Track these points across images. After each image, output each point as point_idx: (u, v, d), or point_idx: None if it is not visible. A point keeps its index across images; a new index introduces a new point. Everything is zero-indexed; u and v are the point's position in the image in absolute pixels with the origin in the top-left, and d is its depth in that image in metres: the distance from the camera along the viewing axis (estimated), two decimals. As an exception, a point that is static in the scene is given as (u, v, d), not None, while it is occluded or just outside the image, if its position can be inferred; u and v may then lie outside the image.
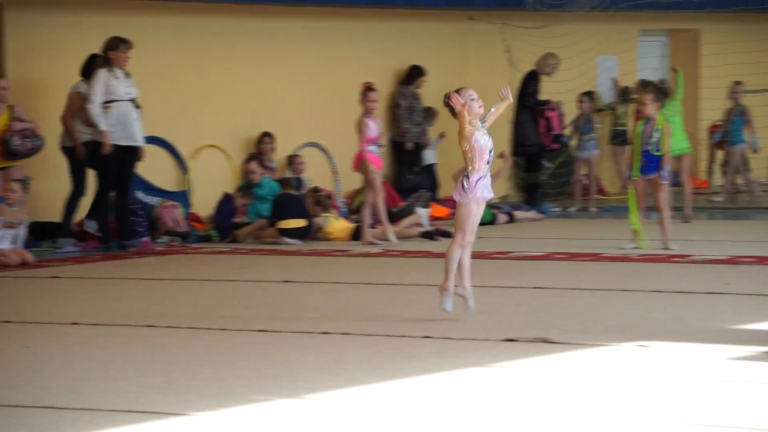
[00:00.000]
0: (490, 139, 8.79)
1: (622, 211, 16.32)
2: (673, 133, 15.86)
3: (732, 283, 10.40)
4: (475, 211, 8.75)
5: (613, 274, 11.43)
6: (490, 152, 8.76)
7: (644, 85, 18.49)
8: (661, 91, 16.25)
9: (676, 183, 17.29)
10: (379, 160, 14.45)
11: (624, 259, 12.38)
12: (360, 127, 14.21)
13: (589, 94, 19.00)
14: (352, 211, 16.81)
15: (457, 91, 8.70)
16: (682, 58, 21.78)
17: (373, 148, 14.25)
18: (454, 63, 19.45)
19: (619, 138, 19.47)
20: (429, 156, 18.55)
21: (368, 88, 14.39)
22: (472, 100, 8.69)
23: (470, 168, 8.71)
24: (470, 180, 8.69)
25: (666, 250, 12.78)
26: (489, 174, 8.75)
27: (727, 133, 19.12)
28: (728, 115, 19.18)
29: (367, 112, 14.25)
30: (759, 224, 16.16)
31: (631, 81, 20.46)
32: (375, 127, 14.27)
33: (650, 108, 12.85)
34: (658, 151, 12.82)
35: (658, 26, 21.74)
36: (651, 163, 12.86)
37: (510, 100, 8.96)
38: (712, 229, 15.44)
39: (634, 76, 20.70)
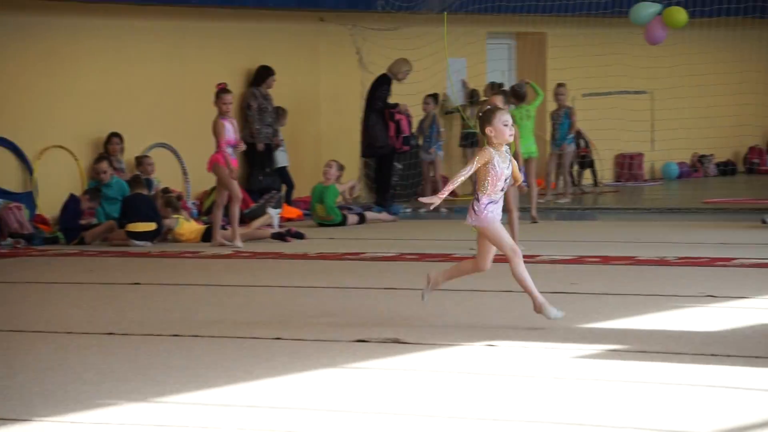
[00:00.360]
0: (509, 167, 8.42)
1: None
2: (523, 136, 16.12)
3: (578, 283, 10.58)
4: (500, 225, 8.40)
5: (463, 275, 11.52)
6: (506, 180, 8.39)
7: (493, 87, 18.76)
8: (517, 94, 16.54)
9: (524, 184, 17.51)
10: (235, 162, 14.32)
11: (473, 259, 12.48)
12: (217, 129, 14.07)
13: (434, 96, 19.14)
14: (203, 212, 16.67)
15: (492, 113, 8.35)
16: (528, 61, 22.13)
17: (230, 150, 14.14)
18: (305, 64, 19.44)
19: (468, 140, 19.68)
20: (280, 158, 18.49)
21: (222, 90, 14.27)
22: (505, 125, 8.33)
23: (481, 191, 8.34)
24: (480, 202, 8.33)
25: (514, 250, 12.93)
26: (501, 200, 8.40)
27: (555, 136, 19.45)
28: (554, 117, 19.51)
29: (222, 114, 14.13)
30: (603, 224, 16.48)
31: (480, 83, 20.72)
32: (231, 128, 14.16)
33: (499, 110, 12.96)
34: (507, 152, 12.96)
35: (506, 29, 22.04)
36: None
37: (519, 182, 8.64)
38: (558, 229, 15.71)
39: (483, 78, 20.97)
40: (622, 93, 21.47)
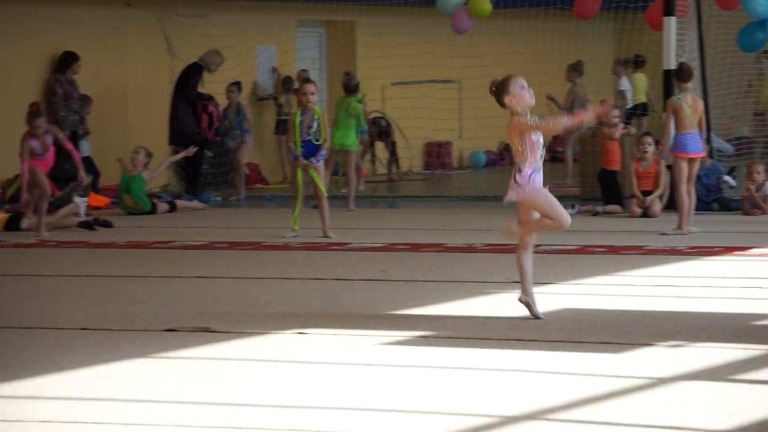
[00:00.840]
0: (541, 134, 8.10)
1: (284, 200, 16.50)
2: (340, 127, 16.21)
3: (388, 270, 10.68)
4: (549, 193, 8.04)
5: (274, 263, 11.54)
6: (543, 147, 8.09)
7: (304, 75, 18.78)
8: (347, 86, 16.61)
9: (341, 173, 17.59)
10: (47, 163, 13.99)
11: (285, 247, 12.51)
12: (21, 147, 13.79)
13: (237, 84, 19.02)
14: (5, 200, 16.27)
15: (506, 81, 8.03)
16: (339, 49, 22.20)
17: (38, 156, 13.85)
18: (112, 50, 19.10)
19: (282, 127, 19.64)
20: (83, 147, 18.13)
21: (32, 113, 13.91)
22: (522, 89, 8.03)
23: (522, 161, 7.97)
24: (523, 173, 7.99)
25: (325, 238, 13.00)
26: (542, 169, 8.08)
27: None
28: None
29: (30, 134, 13.81)
30: (413, 212, 16.64)
31: (291, 71, 20.71)
32: (38, 146, 13.84)
33: (311, 98, 13.02)
34: (317, 140, 13.00)
35: (316, 17, 22.07)
36: (311, 152, 13.02)
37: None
38: (369, 217, 15.80)
39: (293, 66, 20.95)
40: (431, 82, 21.71)
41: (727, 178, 15.23)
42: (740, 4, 15.73)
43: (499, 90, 8.13)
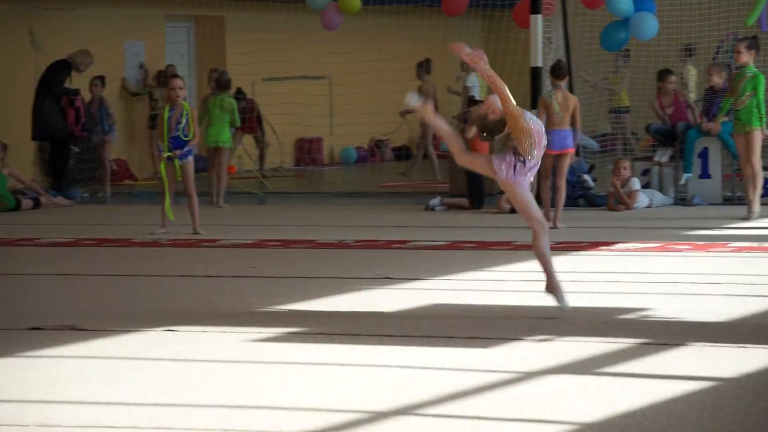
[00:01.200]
0: (541, 124, 7.92)
1: (153, 197, 16.33)
2: (215, 125, 16.15)
3: (258, 267, 10.64)
4: (527, 194, 7.96)
5: (143, 260, 11.41)
6: (545, 136, 7.94)
7: (172, 70, 18.61)
8: (219, 82, 16.49)
9: (205, 168, 17.47)
10: None
11: (154, 244, 12.38)
12: None
13: (101, 79, 18.76)
14: None
15: (478, 116, 7.93)
16: (208, 44, 22.06)
17: None
18: (-27, 43, 18.72)
19: (155, 122, 19.44)
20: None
21: None
22: (483, 104, 7.94)
23: (527, 153, 7.86)
24: (526, 165, 7.90)
25: (195, 234, 12.90)
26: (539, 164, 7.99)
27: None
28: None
29: None
30: (283, 208, 16.61)
31: (160, 66, 20.51)
32: None
33: (180, 93, 12.92)
34: (186, 136, 12.91)
35: (184, 12, 21.89)
36: (179, 148, 12.92)
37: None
38: (240, 214, 15.73)
39: (162, 61, 20.75)
40: (301, 78, 21.69)
41: (586, 177, 15.45)
42: (604, 3, 15.99)
43: (481, 124, 8.01)
